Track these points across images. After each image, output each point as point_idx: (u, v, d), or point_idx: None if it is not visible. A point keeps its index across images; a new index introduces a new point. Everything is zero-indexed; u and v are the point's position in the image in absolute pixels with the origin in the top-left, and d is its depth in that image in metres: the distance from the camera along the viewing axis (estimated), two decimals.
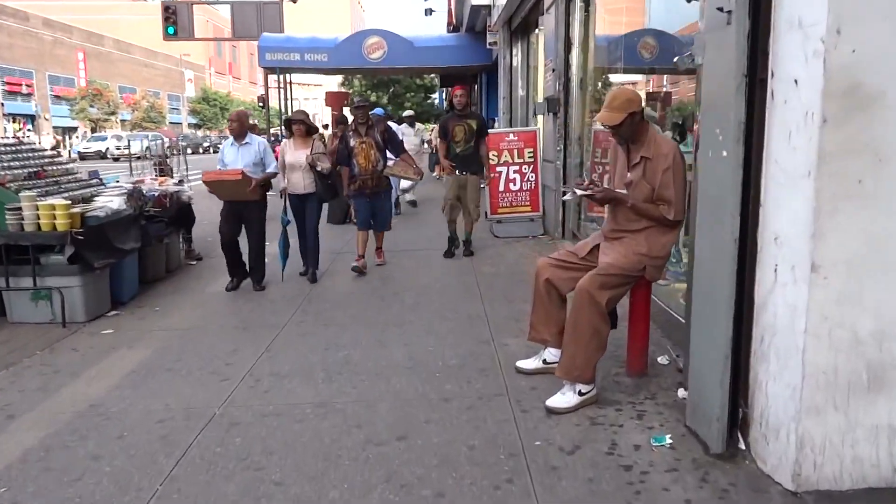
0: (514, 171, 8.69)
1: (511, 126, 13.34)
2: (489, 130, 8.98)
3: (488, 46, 14.83)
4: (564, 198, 3.43)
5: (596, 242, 3.62)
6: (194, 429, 3.30)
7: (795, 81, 2.41)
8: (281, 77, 19.37)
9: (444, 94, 39.59)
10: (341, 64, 16.91)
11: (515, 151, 8.68)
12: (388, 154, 6.82)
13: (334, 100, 19.93)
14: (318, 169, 6.22)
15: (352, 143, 6.61)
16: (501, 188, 8.71)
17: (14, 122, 46.28)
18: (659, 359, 3.96)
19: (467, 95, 7.32)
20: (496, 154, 8.66)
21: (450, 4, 23.29)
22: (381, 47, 16.56)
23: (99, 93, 48.94)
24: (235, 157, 6.03)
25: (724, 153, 2.70)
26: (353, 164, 6.62)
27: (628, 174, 3.47)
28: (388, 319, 5.08)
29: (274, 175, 6.23)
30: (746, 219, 2.72)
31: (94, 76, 52.56)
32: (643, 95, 9.51)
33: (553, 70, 8.05)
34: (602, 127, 3.39)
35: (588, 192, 3.44)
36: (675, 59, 3.25)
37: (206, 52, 71.66)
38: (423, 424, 3.26)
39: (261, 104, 22.51)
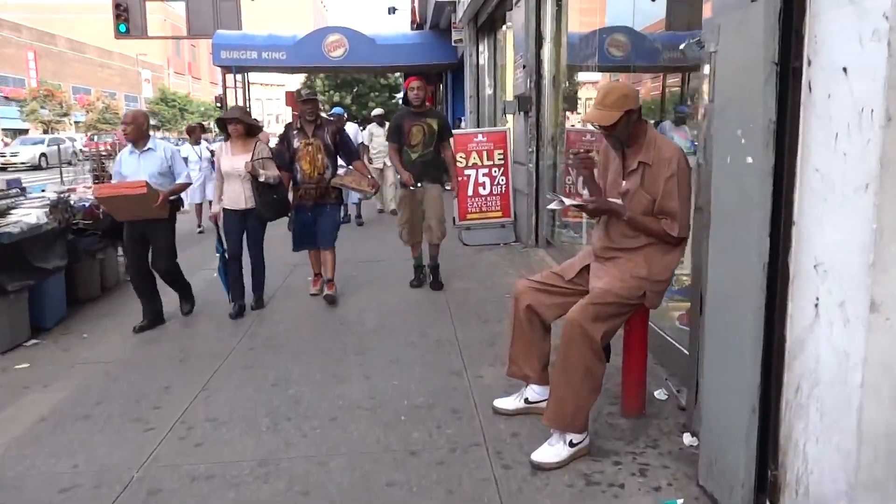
0: (484, 175, 8.18)
1: (479, 126, 12.85)
2: (455, 131, 8.46)
3: (453, 44, 14.31)
4: (550, 206, 2.89)
5: (585, 263, 3.11)
6: (104, 500, 2.69)
7: (844, 70, 1.92)
8: (239, 76, 18.64)
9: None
10: (300, 62, 16.22)
11: (485, 153, 8.16)
12: (341, 161, 5.75)
13: (294, 100, 19.21)
14: (261, 179, 5.11)
15: (295, 143, 5.51)
16: (470, 192, 8.19)
17: None
18: (656, 393, 3.46)
19: (424, 89, 5.84)
20: (464, 156, 8.13)
21: (413, 2, 22.75)
22: (341, 45, 15.92)
23: (50, 94, 47.18)
24: (136, 168, 4.99)
25: (750, 160, 2.20)
26: (295, 170, 5.52)
27: (623, 182, 2.96)
28: (347, 346, 4.51)
29: (185, 186, 5.24)
30: (776, 241, 2.23)
31: (46, 77, 50.71)
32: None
33: (524, 67, 7.55)
34: (592, 127, 2.85)
35: (578, 203, 2.92)
36: (682, 47, 2.75)
37: (164, 51, 69.90)
38: (385, 489, 2.70)
39: (218, 104, 21.66)
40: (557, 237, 7.33)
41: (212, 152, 9.06)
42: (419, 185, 5.77)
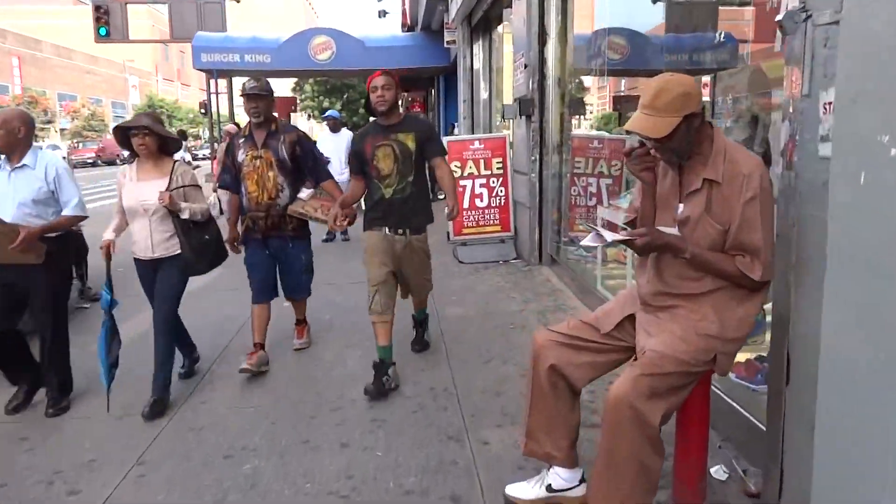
0: (481, 185, 7.43)
1: (473, 132, 12.11)
2: (449, 138, 7.72)
3: (446, 45, 13.58)
4: (585, 243, 2.12)
5: (628, 312, 2.35)
6: None
7: None
8: (223, 81, 17.87)
9: (401, 101, 38.37)
10: (285, 66, 15.44)
11: (482, 162, 7.42)
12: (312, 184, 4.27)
13: (281, 106, 18.43)
14: (185, 216, 3.61)
15: (240, 156, 4.08)
16: (466, 205, 7.43)
17: None
18: (712, 470, 2.70)
19: (395, 89, 3.85)
20: (459, 165, 7.38)
21: (404, 4, 22.05)
22: (328, 48, 15.16)
23: (34, 100, 46.25)
24: (5, 191, 3.49)
25: None
26: (241, 192, 4.15)
27: (681, 206, 2.21)
28: (322, 398, 3.73)
29: (74, 220, 3.68)
30: None
31: (31, 83, 49.75)
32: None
33: (525, 66, 6.81)
34: (638, 137, 2.08)
35: (624, 238, 2.15)
36: (779, 19, 1.99)
37: (152, 57, 68.98)
38: None
39: (202, 111, 20.85)
40: (563, 254, 6.59)
41: (192, 160, 8.29)
42: (400, 230, 3.93)
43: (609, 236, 2.11)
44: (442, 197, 14.06)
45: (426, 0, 13.84)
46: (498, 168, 7.41)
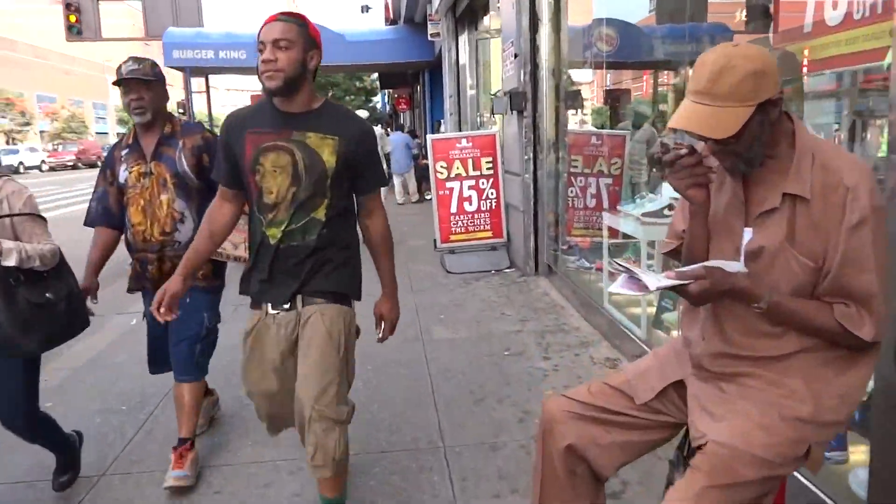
0: (469, 187, 6.79)
1: (460, 129, 11.48)
2: (435, 135, 7.08)
3: (430, 38, 12.92)
4: (615, 289, 1.46)
5: (673, 379, 1.71)
6: None
7: None
8: (197, 79, 17.17)
9: (386, 97, 37.56)
10: None
11: (470, 161, 6.78)
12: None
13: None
14: (10, 262, 2.27)
15: (122, 174, 2.83)
16: (454, 209, 6.79)
17: None
18: None
19: (301, 44, 2.09)
20: (445, 165, 6.74)
21: None
22: None
23: (11, 102, 45.18)
24: None
25: None
26: (125, 224, 2.88)
27: (748, 232, 1.58)
28: (280, 451, 3.07)
29: None
30: None
31: (7, 84, 48.62)
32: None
33: (515, 56, 6.17)
34: (690, 138, 1.42)
35: (674, 284, 1.50)
36: None
37: None
38: None
39: (181, 111, 20.10)
40: (562, 264, 5.97)
41: None
42: (287, 304, 2.26)
43: (652, 282, 1.47)
44: (429, 197, 13.44)
45: None
46: (488, 168, 6.77)
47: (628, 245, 5.14)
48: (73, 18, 19.14)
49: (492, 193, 6.79)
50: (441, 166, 6.73)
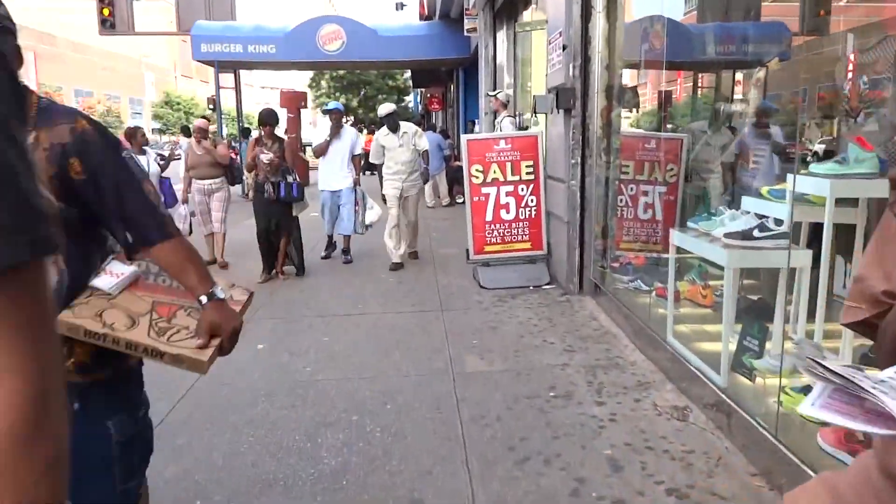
0: (507, 193, 6.13)
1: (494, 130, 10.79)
2: (469, 136, 6.46)
3: (466, 34, 12.27)
4: (814, 412, 0.76)
5: None
6: None
7: None
8: (228, 75, 16.77)
9: (419, 97, 37.02)
10: (291, 57, 14.24)
11: (508, 165, 6.12)
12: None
13: (290, 101, 17.28)
14: None
15: None
16: (489, 217, 6.14)
17: None
18: None
19: None
20: (481, 169, 6.10)
21: None
22: (338, 37, 13.94)
23: (49, 96, 45.62)
24: None
25: None
26: None
27: None
28: None
29: None
30: None
31: (47, 79, 49.21)
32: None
33: (563, 48, 5.50)
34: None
35: None
36: None
37: (169, 53, 68.37)
38: None
39: (211, 107, 19.74)
40: (610, 282, 5.29)
41: (162, 163, 7.09)
42: None
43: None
44: (461, 201, 12.78)
45: None
46: (528, 173, 6.11)
47: (692, 266, 4.44)
48: (106, 12, 18.94)
49: (532, 201, 6.13)
50: (476, 170, 6.09)
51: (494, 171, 6.09)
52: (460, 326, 4.86)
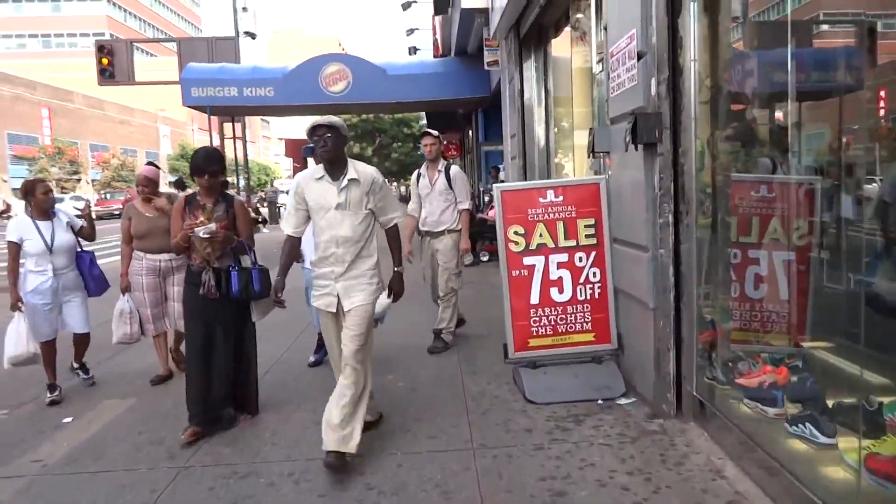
0: (560, 265, 4.36)
1: (525, 176, 9.11)
2: (502, 185, 4.74)
3: (486, 67, 10.73)
4: None
5: None
6: None
7: None
8: (225, 121, 15.45)
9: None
10: (291, 100, 12.75)
11: (560, 226, 4.36)
12: None
13: (296, 150, 15.80)
14: None
15: None
16: (535, 298, 4.36)
17: None
18: None
19: None
20: (522, 232, 4.35)
21: (434, 34, 19.52)
22: (343, 77, 12.48)
23: (62, 151, 45.17)
24: None
25: None
26: None
27: None
28: None
29: None
30: None
31: (62, 134, 49.02)
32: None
33: (639, 56, 3.80)
34: None
35: None
36: None
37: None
38: None
39: None
40: (723, 398, 3.47)
41: (81, 224, 5.11)
42: None
43: None
44: (486, 259, 11.00)
45: (459, 14, 11.08)
46: (589, 236, 4.35)
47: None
48: (105, 61, 17.90)
49: (594, 275, 4.35)
50: (515, 233, 4.34)
51: (541, 235, 4.33)
52: (503, 487, 3.04)
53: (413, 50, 27.67)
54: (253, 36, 22.10)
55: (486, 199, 13.63)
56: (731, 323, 3.73)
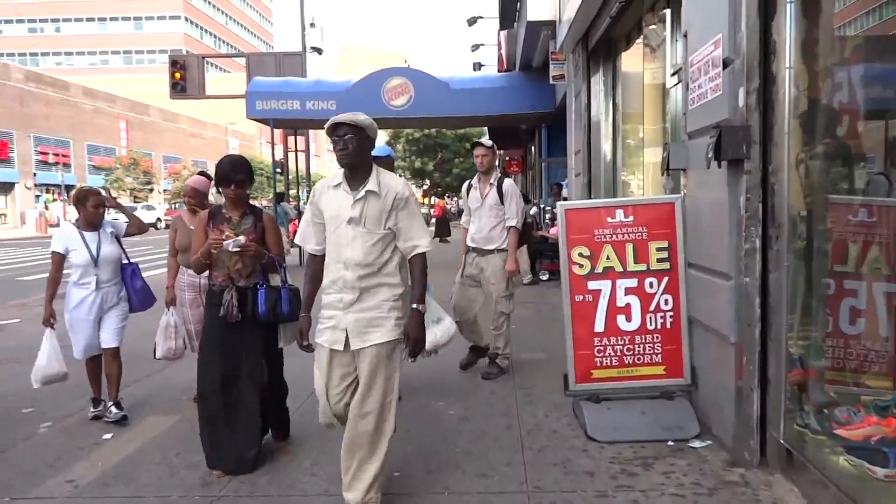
0: (629, 291, 4.00)
1: (590, 194, 8.74)
2: (567, 204, 4.44)
3: (552, 81, 10.41)
4: None
5: None
6: None
7: None
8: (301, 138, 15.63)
9: (497, 160, 35.53)
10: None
11: (630, 248, 4.01)
12: None
13: None
14: None
15: None
16: (600, 326, 4.01)
17: (48, 192, 44.40)
18: None
19: None
20: (587, 253, 4.02)
21: (499, 49, 19.36)
22: (405, 92, 12.36)
23: (136, 162, 47.06)
24: None
25: None
26: None
27: None
28: None
29: None
30: None
31: (138, 146, 51.11)
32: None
33: (725, 64, 3.43)
34: None
35: None
36: None
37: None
38: None
39: (278, 170, 18.59)
40: (817, 449, 3.05)
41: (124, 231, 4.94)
42: None
43: None
44: (545, 278, 10.61)
45: (526, 28, 10.82)
46: (661, 259, 3.98)
47: None
48: (178, 76, 18.41)
49: (667, 302, 3.97)
50: (580, 254, 4.01)
51: (608, 257, 3.99)
52: None
53: (478, 66, 27.57)
54: (319, 51, 22.42)
55: (548, 216, 13.26)
56: (823, 361, 3.31)
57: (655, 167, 6.26)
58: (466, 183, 5.60)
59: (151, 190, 48.98)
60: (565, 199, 11.27)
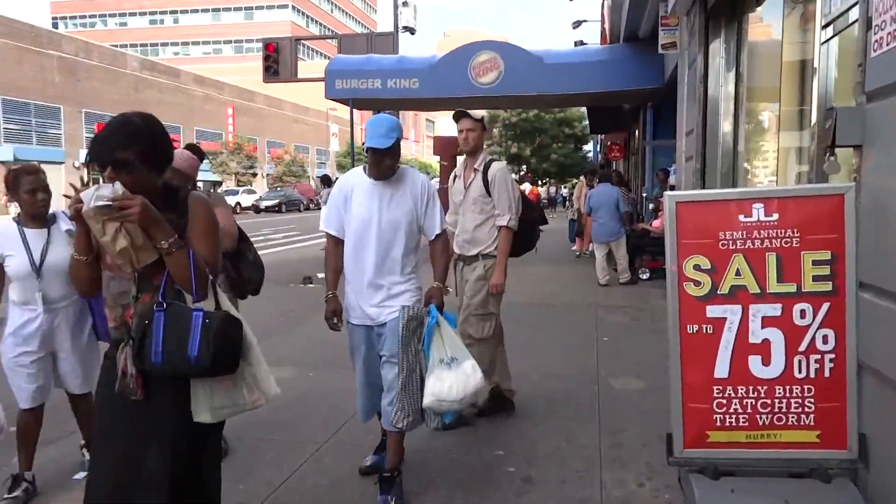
0: (768, 320, 2.78)
1: (704, 184, 7.35)
2: (675, 194, 3.24)
3: (661, 51, 9.02)
4: None
5: None
6: None
7: None
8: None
9: (598, 145, 33.62)
10: (436, 92, 11.73)
11: (772, 260, 2.78)
12: None
13: (445, 148, 14.95)
14: None
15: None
16: (722, 370, 2.82)
17: None
18: None
19: None
20: (708, 267, 2.82)
21: (602, 24, 17.86)
22: (494, 67, 11.27)
23: (240, 147, 48.56)
24: None
25: None
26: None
27: None
28: None
29: None
30: None
31: (243, 131, 52.79)
32: None
33: None
34: None
35: None
36: None
37: None
38: None
39: (357, 155, 18.11)
40: None
41: None
42: None
43: None
44: (646, 276, 9.30)
45: None
46: (819, 278, 2.73)
47: None
48: (270, 59, 18.31)
49: (825, 339, 2.73)
50: (696, 267, 2.83)
51: (738, 272, 2.79)
52: None
53: (579, 44, 25.95)
54: (412, 31, 21.67)
55: (651, 207, 11.84)
56: None
57: (788, 153, 4.93)
58: (453, 172, 4.37)
59: (255, 174, 50.37)
60: (672, 187, 9.85)
